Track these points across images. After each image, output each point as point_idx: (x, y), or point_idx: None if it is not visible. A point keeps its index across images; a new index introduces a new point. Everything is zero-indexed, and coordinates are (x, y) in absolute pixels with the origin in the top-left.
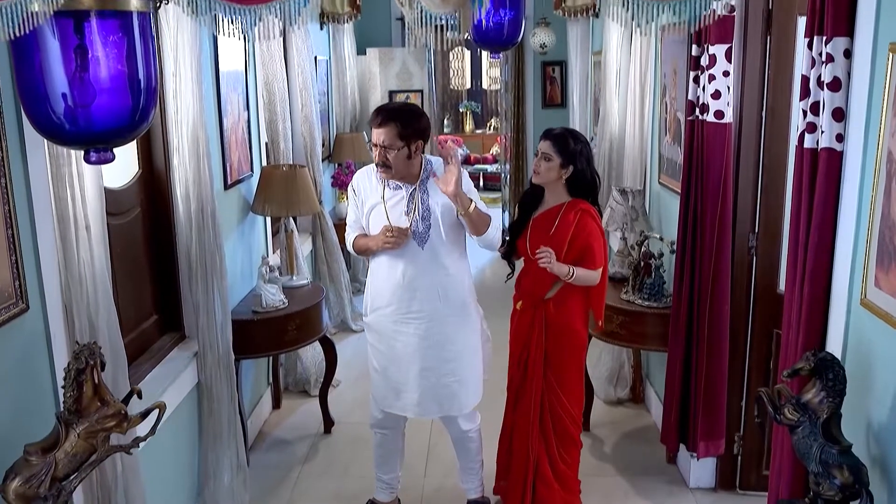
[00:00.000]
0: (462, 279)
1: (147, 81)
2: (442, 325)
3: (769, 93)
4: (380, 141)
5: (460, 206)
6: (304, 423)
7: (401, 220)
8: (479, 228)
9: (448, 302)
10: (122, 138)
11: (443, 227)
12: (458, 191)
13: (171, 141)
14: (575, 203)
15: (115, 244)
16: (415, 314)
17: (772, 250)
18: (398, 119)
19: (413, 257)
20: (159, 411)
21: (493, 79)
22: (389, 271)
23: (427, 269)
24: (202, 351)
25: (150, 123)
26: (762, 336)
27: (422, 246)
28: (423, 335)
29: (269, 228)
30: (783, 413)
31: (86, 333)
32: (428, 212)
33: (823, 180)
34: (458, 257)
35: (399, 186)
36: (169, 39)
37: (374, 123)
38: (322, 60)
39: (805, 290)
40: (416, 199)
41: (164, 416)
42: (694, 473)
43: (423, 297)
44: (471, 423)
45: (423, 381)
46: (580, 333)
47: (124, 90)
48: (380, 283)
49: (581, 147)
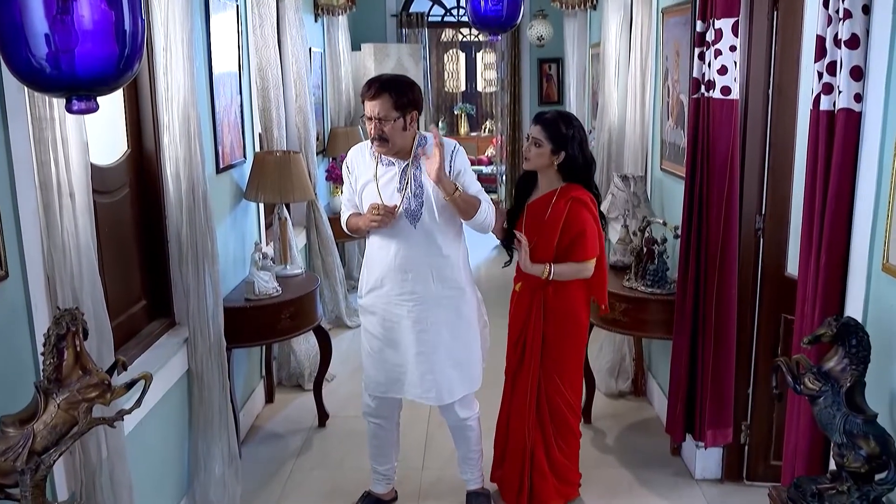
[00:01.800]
0: (457, 260)
1: (133, 27)
2: (436, 308)
3: (776, 69)
4: (374, 113)
5: (443, 191)
6: (298, 416)
7: (393, 197)
8: (467, 213)
9: (442, 283)
10: (106, 86)
11: (436, 205)
12: (440, 176)
13: (162, 119)
14: (567, 190)
15: (101, 224)
16: (408, 295)
17: (779, 232)
18: (392, 89)
19: (405, 237)
20: (145, 382)
21: (487, 81)
22: (382, 251)
23: (420, 249)
24: (193, 337)
25: (136, 73)
26: (769, 321)
27: (414, 224)
28: (417, 318)
29: (263, 218)
30: (803, 383)
31: (69, 304)
32: (420, 189)
33: (841, 143)
34: (452, 237)
35: (392, 163)
36: (159, 13)
37: (368, 96)
38: (317, 53)
39: (822, 259)
40: (409, 176)
41: (152, 402)
42: (699, 464)
43: (416, 277)
44: (469, 411)
45: (420, 366)
46: (581, 319)
47: (108, 35)
48: (373, 264)
49: (573, 132)
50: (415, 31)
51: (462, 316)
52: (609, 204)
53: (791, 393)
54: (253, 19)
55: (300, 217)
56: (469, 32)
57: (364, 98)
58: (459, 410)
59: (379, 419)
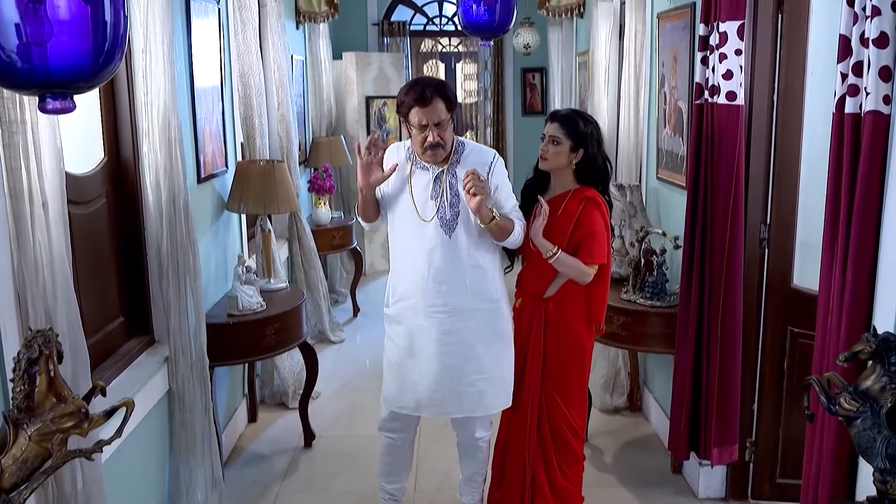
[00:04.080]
0: (493, 273)
1: (114, 17)
2: (469, 321)
3: (781, 73)
4: (431, 120)
5: (480, 220)
6: (283, 436)
7: (427, 204)
8: (499, 238)
9: (477, 296)
10: (84, 82)
11: (472, 216)
12: (479, 208)
13: (141, 125)
14: (581, 191)
15: (77, 236)
16: (440, 307)
17: (785, 242)
18: (442, 92)
19: (439, 247)
20: (126, 409)
21: (467, 92)
22: (413, 262)
23: (454, 260)
24: (173, 356)
25: (116, 68)
26: (775, 334)
27: (449, 234)
28: (449, 330)
29: (245, 230)
30: (839, 403)
31: (42, 324)
32: (457, 198)
33: (868, 147)
34: (488, 248)
35: (426, 167)
36: (138, 13)
37: (420, 102)
38: (298, 61)
39: (848, 270)
40: (444, 183)
41: (132, 426)
42: (703, 483)
43: (450, 290)
44: (485, 432)
45: (445, 380)
46: (582, 336)
47: (87, 25)
48: (403, 274)
49: (591, 129)
50: (396, 40)
51: (496, 330)
52: None
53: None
54: (235, 24)
55: (282, 229)
56: (448, 43)
57: (413, 104)
58: (478, 429)
59: (394, 434)
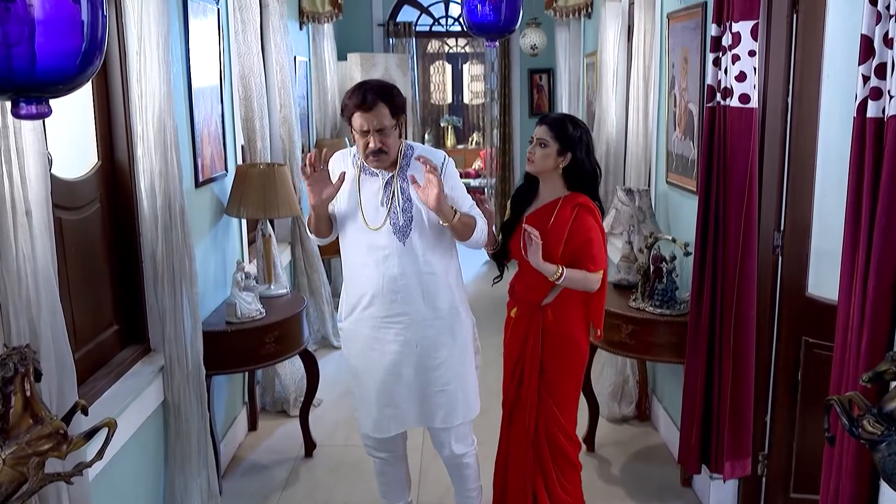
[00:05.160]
0: (449, 279)
1: (92, 17)
2: (426, 330)
3: (796, 75)
4: (372, 125)
5: (442, 217)
6: (283, 445)
7: (377, 211)
8: (464, 234)
9: (433, 304)
10: (61, 85)
11: (426, 220)
12: (439, 204)
13: (136, 128)
14: (573, 197)
15: (68, 243)
16: (396, 317)
17: (799, 249)
18: (386, 96)
19: (394, 254)
20: (109, 430)
21: (474, 93)
22: (367, 269)
23: (409, 267)
24: (169, 365)
25: (95, 71)
26: (789, 344)
27: (403, 241)
28: (405, 340)
29: (245, 235)
30: (862, 426)
31: (25, 338)
32: (409, 203)
33: (892, 152)
34: (444, 254)
35: (374, 173)
36: (133, 13)
37: (363, 107)
38: (301, 62)
39: (870, 282)
40: (395, 188)
41: (125, 439)
42: (714, 496)
43: (405, 298)
44: (465, 447)
45: (409, 392)
46: (581, 343)
47: (64, 26)
48: (356, 283)
49: (580, 134)
50: (402, 40)
51: (456, 338)
52: (613, 219)
53: None
54: (235, 25)
55: (284, 233)
56: (455, 43)
57: (355, 110)
58: (455, 445)
59: (383, 454)
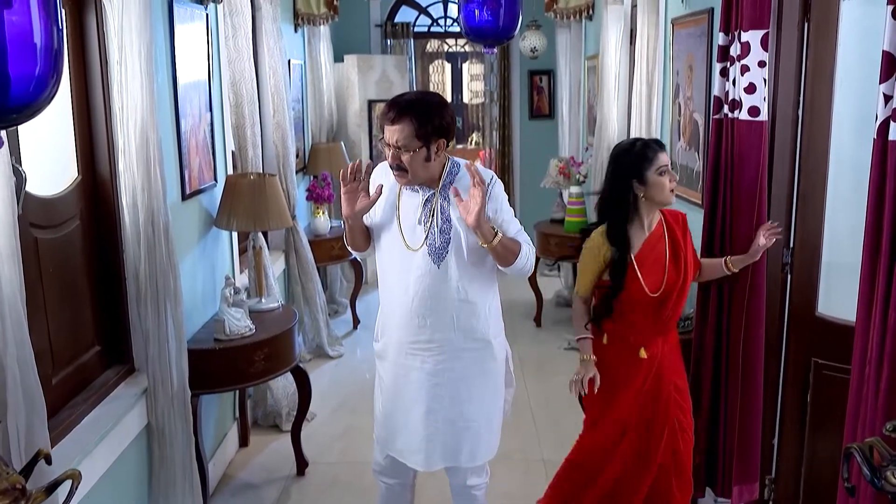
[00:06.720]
0: (484, 308)
1: (45, 40)
2: (455, 361)
3: (807, 87)
4: (393, 141)
5: (481, 237)
6: (275, 463)
7: (415, 230)
8: (506, 259)
9: (465, 333)
10: (11, 115)
11: (465, 243)
12: (479, 222)
13: (117, 142)
14: (667, 213)
15: (46, 263)
16: (423, 344)
17: (809, 267)
18: (415, 114)
19: (426, 276)
20: (73, 482)
21: (474, 92)
22: (398, 291)
23: (441, 292)
24: (153, 387)
25: (51, 97)
26: (798, 365)
27: (437, 264)
28: (433, 371)
29: (237, 246)
30: (885, 477)
31: None
32: (448, 224)
33: None
34: (482, 282)
35: (416, 190)
36: (113, 22)
37: (387, 120)
38: (296, 65)
39: (890, 309)
40: (435, 208)
41: (106, 467)
42: None
43: (435, 324)
44: (478, 479)
45: (428, 426)
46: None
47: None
48: (388, 306)
49: None
50: (400, 41)
51: (485, 372)
52: None
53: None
54: (225, 30)
55: (278, 241)
56: (455, 43)
57: (383, 121)
58: (470, 477)
59: (391, 479)
